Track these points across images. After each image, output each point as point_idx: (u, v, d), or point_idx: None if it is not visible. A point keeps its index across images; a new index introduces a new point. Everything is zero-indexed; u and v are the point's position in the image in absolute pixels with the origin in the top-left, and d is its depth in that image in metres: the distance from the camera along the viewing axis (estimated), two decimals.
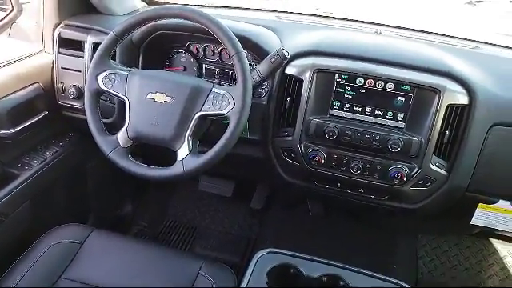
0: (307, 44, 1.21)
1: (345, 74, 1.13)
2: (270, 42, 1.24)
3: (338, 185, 1.25)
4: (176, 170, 1.03)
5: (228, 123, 1.02)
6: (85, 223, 1.65)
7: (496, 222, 1.21)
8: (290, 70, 1.17)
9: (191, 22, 1.07)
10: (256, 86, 1.10)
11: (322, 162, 1.18)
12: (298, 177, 1.29)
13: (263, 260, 0.99)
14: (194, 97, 1.05)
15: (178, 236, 1.90)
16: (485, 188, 1.16)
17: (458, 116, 1.09)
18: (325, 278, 0.97)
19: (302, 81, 1.15)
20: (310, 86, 1.15)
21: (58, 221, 1.24)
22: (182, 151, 1.04)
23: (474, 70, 1.17)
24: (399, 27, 1.57)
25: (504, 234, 1.37)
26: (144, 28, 1.23)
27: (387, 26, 1.56)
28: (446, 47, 1.36)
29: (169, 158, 1.07)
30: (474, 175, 1.13)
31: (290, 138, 1.21)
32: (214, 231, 1.92)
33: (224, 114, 1.02)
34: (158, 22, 1.17)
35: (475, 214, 1.21)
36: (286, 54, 1.06)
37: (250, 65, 1.23)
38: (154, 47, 1.32)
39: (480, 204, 1.19)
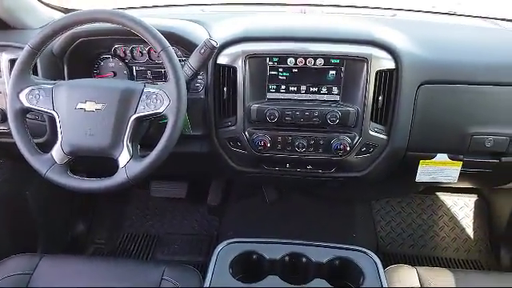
0: (235, 32, 1.21)
1: (275, 57, 1.14)
2: (197, 34, 1.22)
3: (287, 165, 1.27)
4: (119, 177, 0.99)
5: (167, 122, 0.99)
6: (36, 252, 1.56)
7: (438, 176, 1.28)
8: (222, 59, 1.16)
9: (112, 25, 1.03)
10: (190, 80, 1.08)
11: (268, 145, 1.19)
12: (248, 164, 1.29)
13: (224, 252, 0.98)
14: (126, 100, 1.01)
15: (138, 247, 1.84)
16: (423, 145, 1.22)
17: (388, 80, 1.14)
18: (287, 258, 0.98)
19: (235, 69, 1.15)
20: (244, 72, 1.15)
21: (5, 255, 1.16)
22: (123, 158, 1.00)
23: (395, 35, 1.22)
24: (322, 5, 1.61)
25: (447, 185, 1.45)
26: (63, 37, 1.17)
27: (310, 5, 1.59)
28: (367, 18, 1.42)
29: (113, 168, 1.03)
30: (411, 134, 1.19)
31: (233, 128, 1.20)
32: (174, 235, 1.88)
33: (161, 113, 0.99)
34: (78, 30, 1.11)
35: (418, 171, 1.27)
36: (214, 43, 1.05)
37: (181, 60, 1.21)
38: (77, 56, 1.26)
39: (421, 161, 1.25)
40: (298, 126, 1.19)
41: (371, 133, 1.17)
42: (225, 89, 1.17)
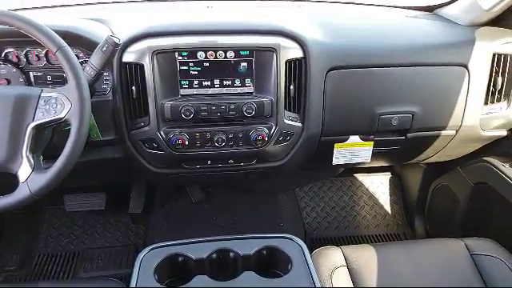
0: (139, 28, 1.15)
1: (184, 51, 1.11)
2: (98, 32, 1.15)
3: (208, 162, 1.25)
4: (21, 193, 0.90)
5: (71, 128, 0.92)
6: None
7: (352, 157, 1.34)
8: (128, 57, 1.10)
9: None
10: (93, 81, 1.01)
11: (186, 143, 1.16)
12: (167, 165, 1.24)
13: (147, 259, 0.93)
14: (20, 107, 0.91)
15: (56, 268, 1.70)
16: (336, 129, 1.27)
17: (297, 69, 1.16)
18: (214, 255, 0.96)
19: (142, 66, 1.10)
20: (153, 69, 1.10)
21: None
22: (24, 171, 0.91)
23: (301, 25, 1.25)
24: None
25: (363, 166, 1.53)
26: None
27: None
28: (275, 9, 1.44)
29: (15, 183, 0.92)
30: (324, 120, 1.23)
31: (147, 128, 1.15)
32: (96, 250, 1.76)
33: (62, 118, 0.91)
34: None
35: (334, 154, 1.33)
36: (116, 40, 0.99)
37: (84, 61, 1.13)
38: None
39: (335, 144, 1.30)
40: (215, 121, 1.17)
41: (286, 121, 1.19)
42: (133, 88, 1.11)
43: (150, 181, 1.65)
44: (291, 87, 1.17)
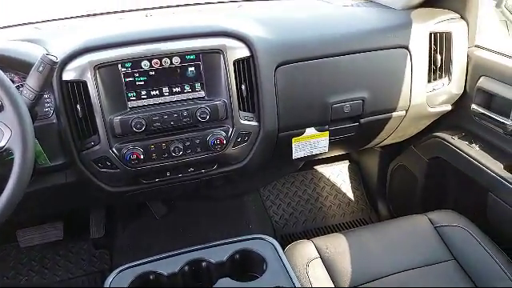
0: (77, 43, 1.10)
1: (128, 62, 1.07)
2: (32, 52, 1.08)
3: (168, 173, 1.21)
4: None
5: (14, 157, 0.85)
6: None
7: (310, 149, 1.35)
8: (68, 75, 1.05)
9: None
10: (33, 105, 0.94)
11: (142, 157, 1.11)
12: (124, 183, 1.19)
13: (116, 282, 0.88)
14: None
15: None
16: (291, 123, 1.27)
17: (246, 68, 1.16)
18: (187, 268, 0.93)
19: (85, 83, 1.05)
20: (96, 84, 1.05)
21: None
22: None
23: (245, 24, 1.24)
24: (168, 6, 1.57)
25: (321, 157, 1.55)
26: None
27: (155, 8, 1.54)
28: (215, 11, 1.42)
29: None
30: (279, 116, 1.23)
31: (98, 147, 1.10)
32: (59, 283, 1.66)
33: (3, 147, 0.85)
34: None
35: (293, 149, 1.33)
36: (52, 58, 0.93)
37: (20, 86, 1.06)
38: None
39: (293, 138, 1.31)
40: (169, 131, 1.14)
41: (243, 122, 1.18)
42: (78, 107, 1.06)
43: (108, 202, 1.58)
44: (243, 87, 1.16)
